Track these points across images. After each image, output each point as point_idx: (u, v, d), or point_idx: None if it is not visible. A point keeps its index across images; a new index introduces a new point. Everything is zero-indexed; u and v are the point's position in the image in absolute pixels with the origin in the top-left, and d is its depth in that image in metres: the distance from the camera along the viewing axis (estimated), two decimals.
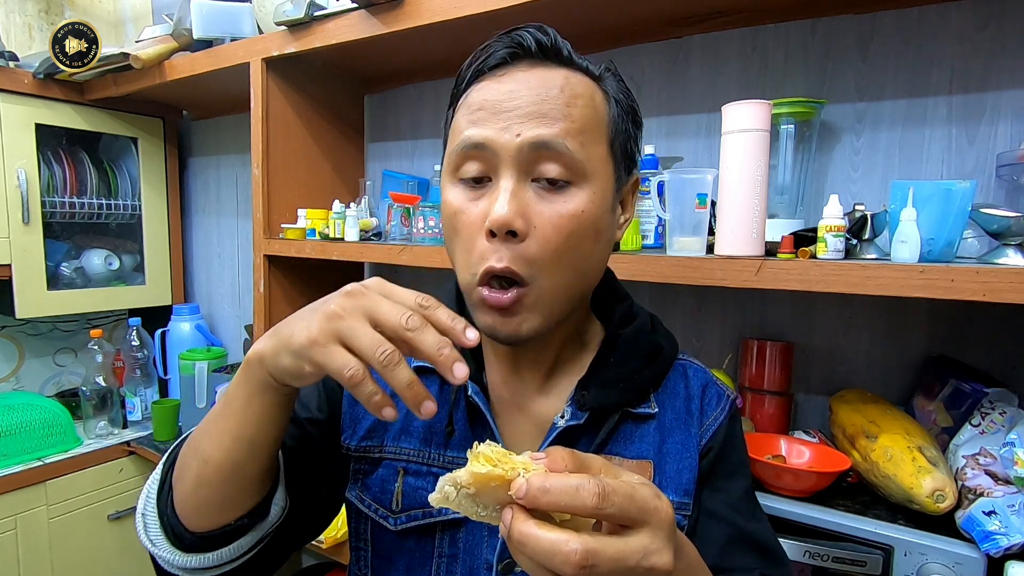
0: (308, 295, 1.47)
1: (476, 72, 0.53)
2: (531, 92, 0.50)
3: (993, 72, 0.91)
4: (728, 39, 1.11)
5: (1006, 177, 0.87)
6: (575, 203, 0.50)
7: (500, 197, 0.49)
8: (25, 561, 1.55)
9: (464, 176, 0.52)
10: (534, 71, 0.51)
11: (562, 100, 0.50)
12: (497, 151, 0.49)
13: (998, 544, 0.70)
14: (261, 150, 1.35)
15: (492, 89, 0.51)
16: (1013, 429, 0.77)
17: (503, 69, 0.52)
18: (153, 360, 1.93)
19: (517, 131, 0.49)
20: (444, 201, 0.54)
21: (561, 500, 0.33)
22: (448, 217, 0.53)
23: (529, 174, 0.50)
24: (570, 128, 0.50)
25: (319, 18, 1.21)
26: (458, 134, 0.52)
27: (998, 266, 0.68)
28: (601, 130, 0.53)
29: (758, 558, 0.58)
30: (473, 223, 0.51)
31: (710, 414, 0.61)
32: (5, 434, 1.58)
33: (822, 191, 1.05)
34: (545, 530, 0.33)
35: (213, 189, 2.06)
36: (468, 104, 0.52)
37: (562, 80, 0.51)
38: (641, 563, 0.34)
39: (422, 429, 0.60)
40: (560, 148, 0.49)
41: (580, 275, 0.53)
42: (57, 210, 1.75)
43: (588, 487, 0.34)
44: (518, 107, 0.49)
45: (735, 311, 1.16)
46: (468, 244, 0.52)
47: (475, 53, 0.54)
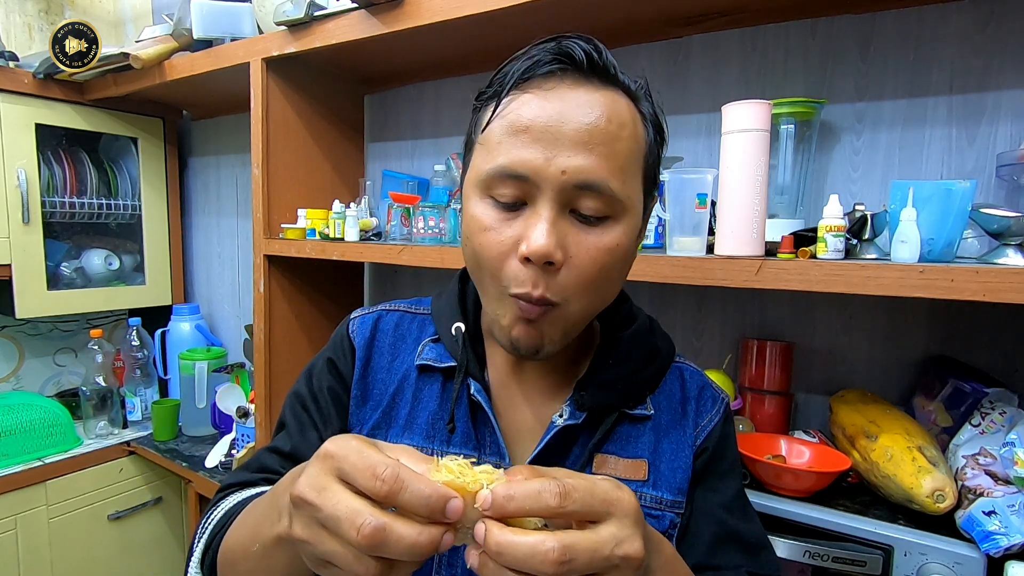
0: (308, 295, 1.48)
1: (520, 80, 0.50)
2: (580, 117, 0.48)
3: (993, 72, 0.91)
4: (728, 39, 1.11)
5: (1006, 177, 0.87)
6: (611, 236, 0.50)
7: (539, 226, 0.48)
8: (25, 561, 1.55)
9: (498, 198, 0.50)
10: (580, 90, 0.49)
11: (610, 132, 0.48)
12: (539, 182, 0.48)
13: (998, 544, 0.70)
14: (261, 150, 1.35)
15: (538, 106, 0.49)
16: (1013, 429, 0.77)
17: (550, 82, 0.49)
18: (153, 360, 1.93)
19: (562, 165, 0.47)
20: (471, 214, 0.52)
21: (525, 504, 0.35)
22: (475, 231, 0.52)
23: (568, 205, 0.49)
24: (614, 167, 0.49)
25: (319, 18, 1.21)
26: (496, 153, 0.50)
27: (998, 266, 0.68)
28: (639, 162, 0.52)
29: (747, 556, 0.59)
30: (504, 243, 0.50)
31: (705, 416, 0.62)
32: (5, 434, 1.58)
33: (822, 191, 1.05)
34: (521, 535, 0.35)
35: (213, 189, 2.06)
36: (510, 119, 0.49)
37: (609, 105, 0.49)
38: (615, 551, 0.36)
39: (425, 426, 0.61)
40: (604, 189, 0.48)
41: (604, 300, 0.55)
42: (57, 210, 1.75)
43: (549, 488, 0.35)
44: (566, 134, 0.48)
45: (735, 311, 1.16)
46: (497, 262, 0.51)
47: (518, 58, 0.51)
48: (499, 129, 0.50)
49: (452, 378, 0.61)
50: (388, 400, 0.62)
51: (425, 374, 0.63)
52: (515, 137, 0.49)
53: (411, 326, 0.67)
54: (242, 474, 0.63)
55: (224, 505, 0.58)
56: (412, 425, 0.61)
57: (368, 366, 0.64)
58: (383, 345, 0.65)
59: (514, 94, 0.50)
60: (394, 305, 0.69)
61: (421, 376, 0.63)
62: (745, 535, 0.59)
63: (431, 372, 0.62)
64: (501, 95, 0.51)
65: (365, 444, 0.37)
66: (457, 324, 0.61)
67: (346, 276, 1.60)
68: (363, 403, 0.63)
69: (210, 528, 0.56)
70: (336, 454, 0.37)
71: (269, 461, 0.63)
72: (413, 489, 0.35)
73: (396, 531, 0.34)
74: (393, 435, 0.61)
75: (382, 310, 0.68)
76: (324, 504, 0.35)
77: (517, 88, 0.50)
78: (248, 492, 0.59)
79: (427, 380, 0.62)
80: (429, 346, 0.63)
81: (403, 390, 0.63)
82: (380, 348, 0.65)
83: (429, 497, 0.35)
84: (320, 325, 1.50)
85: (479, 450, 0.58)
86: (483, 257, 0.51)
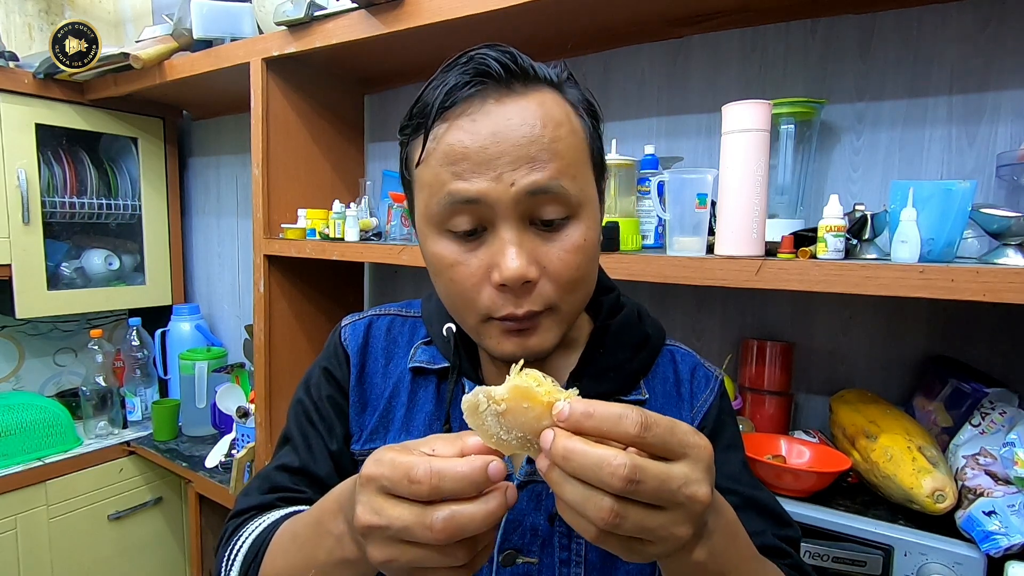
0: (308, 295, 1.47)
1: (442, 108, 0.49)
2: (514, 132, 0.47)
3: (993, 72, 0.91)
4: (728, 39, 1.11)
5: (1006, 177, 0.87)
6: (577, 234, 0.50)
7: (508, 252, 0.47)
8: (25, 561, 1.55)
9: (455, 230, 0.50)
10: (507, 103, 0.48)
11: (547, 136, 0.48)
12: (492, 204, 0.47)
13: (998, 544, 0.70)
14: (261, 150, 1.35)
15: (468, 132, 0.47)
16: (1013, 429, 0.77)
17: (473, 105, 0.48)
18: (153, 360, 1.93)
19: (511, 180, 0.47)
20: (433, 253, 0.51)
21: (604, 425, 0.34)
22: (442, 269, 0.51)
23: (526, 217, 0.49)
24: (561, 166, 0.48)
25: (319, 18, 1.21)
26: (440, 187, 0.49)
27: (998, 266, 0.68)
28: (585, 153, 0.52)
29: (766, 521, 0.58)
30: (475, 274, 0.50)
31: (700, 396, 0.63)
32: (5, 434, 1.58)
33: (822, 191, 1.05)
34: (591, 445, 0.34)
35: (213, 189, 2.06)
36: (444, 152, 0.48)
37: (539, 110, 0.48)
38: (683, 489, 0.34)
39: (422, 428, 0.61)
40: (558, 190, 0.48)
41: (588, 292, 0.55)
42: (57, 210, 1.75)
43: (631, 415, 0.34)
44: (505, 152, 0.47)
45: (735, 311, 1.16)
46: (470, 294, 0.50)
47: (434, 83, 0.50)
48: (435, 163, 0.49)
49: (446, 379, 0.61)
50: (384, 404, 0.63)
51: (419, 377, 0.63)
52: (455, 167, 0.48)
53: (403, 329, 0.67)
54: (255, 497, 0.62)
55: (248, 532, 0.57)
56: (409, 428, 0.61)
57: (363, 372, 0.64)
58: (376, 350, 0.65)
59: (440, 125, 0.49)
60: (384, 309, 0.69)
61: (416, 379, 0.63)
62: (761, 500, 0.59)
63: (425, 374, 0.62)
64: (428, 127, 0.49)
65: (396, 451, 0.38)
66: (448, 325, 0.61)
67: (346, 276, 1.60)
68: (362, 409, 0.64)
69: (242, 554, 0.55)
70: (375, 474, 0.37)
71: (280, 479, 0.63)
72: (451, 475, 0.35)
73: (465, 511, 0.35)
74: (391, 439, 0.61)
75: (373, 315, 0.68)
76: (389, 522, 0.36)
77: (441, 118, 0.49)
78: (271, 517, 0.58)
79: (421, 382, 0.63)
80: (421, 348, 0.63)
81: (399, 393, 0.63)
82: (374, 353, 0.65)
83: (468, 474, 0.35)
84: (320, 325, 1.50)
85: None
86: (456, 292, 0.51)
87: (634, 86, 1.22)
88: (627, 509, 0.33)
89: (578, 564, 0.56)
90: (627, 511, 0.33)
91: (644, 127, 1.22)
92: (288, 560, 0.49)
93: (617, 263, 0.88)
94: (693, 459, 0.35)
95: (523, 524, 0.56)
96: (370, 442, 0.62)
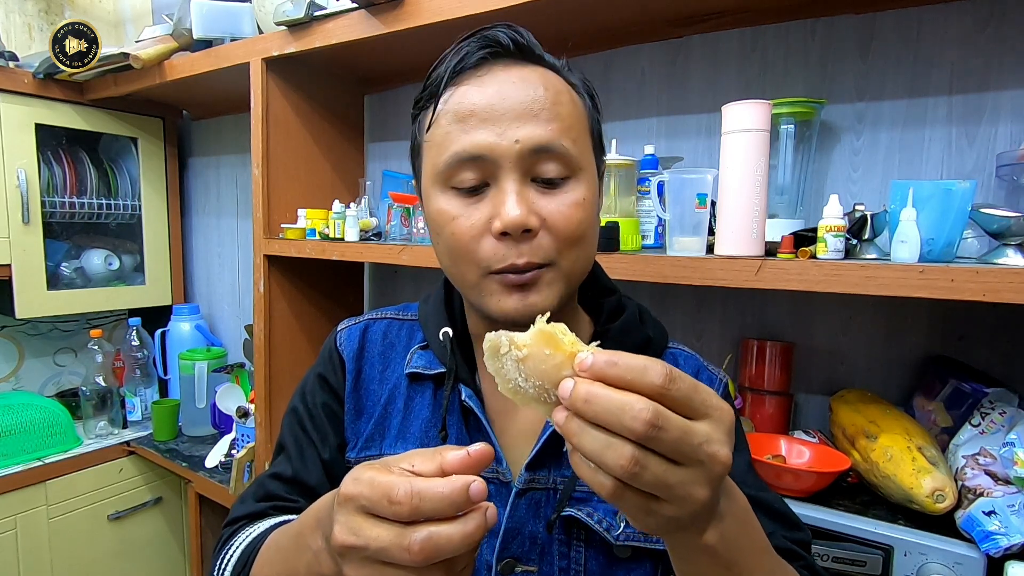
0: (308, 295, 1.47)
1: (453, 74, 0.52)
2: (519, 92, 0.50)
3: (993, 72, 0.91)
4: (728, 39, 1.11)
5: (1006, 177, 0.87)
6: (576, 193, 0.52)
7: (508, 200, 0.49)
8: (25, 561, 1.55)
9: (460, 185, 0.51)
10: (513, 70, 0.52)
11: (549, 99, 0.51)
12: (496, 159, 0.50)
13: (998, 544, 0.70)
14: (261, 150, 1.35)
15: (476, 93, 0.51)
16: (1013, 429, 0.77)
17: (482, 69, 0.52)
18: (153, 360, 1.93)
19: (515, 136, 0.49)
20: (436, 210, 0.53)
21: (628, 375, 0.33)
22: (443, 224, 0.52)
23: (528, 174, 0.51)
24: (563, 127, 0.51)
25: (319, 18, 1.21)
26: (448, 143, 0.51)
27: (998, 266, 0.68)
28: (585, 124, 0.55)
29: (775, 523, 0.58)
30: (476, 226, 0.51)
31: None
32: (5, 434, 1.58)
33: (822, 191, 1.05)
34: (613, 391, 0.33)
35: (213, 189, 2.06)
36: (453, 111, 0.51)
37: (543, 78, 0.52)
38: (704, 447, 0.33)
39: (419, 435, 0.60)
40: (559, 149, 0.50)
41: (588, 256, 0.55)
42: (57, 210, 1.75)
43: (656, 367, 0.33)
44: (510, 109, 0.50)
45: (735, 311, 1.16)
46: (471, 246, 0.51)
47: (446, 55, 0.53)
48: (445, 122, 0.52)
49: (443, 385, 0.60)
50: (380, 411, 0.62)
51: (416, 382, 0.62)
52: (463, 123, 0.50)
53: (400, 333, 0.66)
54: (249, 505, 0.63)
55: (239, 541, 0.57)
56: (405, 434, 0.61)
57: (359, 378, 0.64)
58: (373, 355, 0.65)
59: (451, 89, 0.52)
60: (381, 313, 0.69)
61: (412, 384, 0.62)
62: (769, 502, 0.59)
63: (421, 380, 0.62)
64: (439, 93, 0.52)
65: (376, 470, 0.37)
66: (445, 329, 0.61)
67: (346, 276, 1.60)
68: (357, 416, 0.63)
69: (232, 563, 0.55)
70: (353, 493, 0.37)
71: (274, 488, 0.63)
72: (431, 496, 0.35)
73: (443, 533, 0.34)
74: (387, 446, 0.61)
75: (369, 319, 0.68)
76: (367, 542, 0.35)
77: (452, 83, 0.52)
78: (262, 526, 0.58)
79: (418, 388, 0.62)
80: (418, 353, 0.63)
81: (395, 399, 0.62)
82: (370, 359, 0.65)
83: (449, 495, 0.35)
84: (320, 325, 1.50)
85: None
86: (456, 245, 0.52)
87: (634, 86, 1.22)
88: (647, 458, 0.32)
89: (577, 572, 0.56)
90: (647, 460, 0.32)
91: (644, 127, 1.22)
92: (273, 570, 0.50)
93: (617, 263, 0.88)
94: (715, 420, 0.35)
95: (522, 532, 0.56)
96: (366, 450, 0.62)
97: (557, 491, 0.57)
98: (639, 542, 0.56)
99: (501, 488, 0.57)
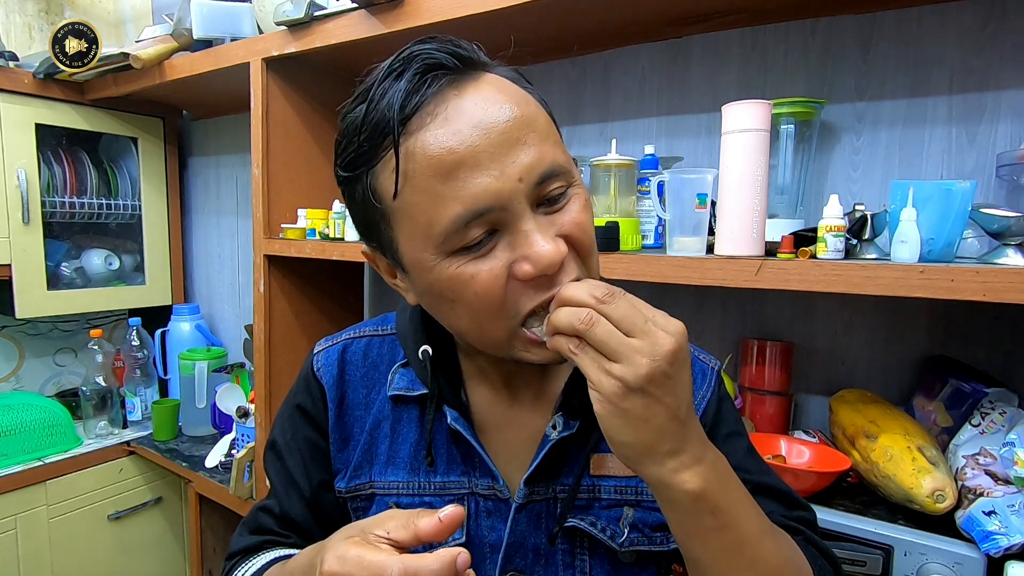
0: (308, 295, 1.47)
1: (405, 119, 0.44)
2: (492, 118, 0.44)
3: (993, 72, 0.91)
4: (728, 39, 1.11)
5: (1006, 177, 0.87)
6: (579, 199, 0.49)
7: (535, 240, 0.44)
8: (25, 561, 1.55)
9: (468, 244, 0.45)
10: (467, 93, 0.45)
11: (520, 113, 0.45)
12: (504, 204, 0.44)
13: (998, 544, 0.70)
14: (261, 150, 1.34)
15: (449, 136, 0.43)
16: (1013, 429, 0.77)
17: (435, 105, 0.44)
18: (153, 360, 1.93)
19: (514, 174, 0.44)
20: (448, 278, 0.46)
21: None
22: (460, 289, 0.46)
23: (535, 204, 0.46)
24: (550, 142, 0.47)
25: (319, 18, 1.21)
26: (440, 206, 0.44)
27: (998, 266, 0.68)
28: (548, 118, 0.50)
29: (778, 504, 0.58)
30: (499, 276, 0.45)
31: (698, 392, 0.61)
32: (5, 434, 1.58)
33: (822, 191, 1.05)
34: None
35: (213, 189, 2.06)
36: (429, 165, 0.43)
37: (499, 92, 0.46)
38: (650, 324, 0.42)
39: (408, 459, 0.59)
40: (557, 168, 0.46)
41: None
42: (57, 210, 1.75)
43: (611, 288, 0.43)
44: (494, 143, 0.43)
45: (735, 311, 1.16)
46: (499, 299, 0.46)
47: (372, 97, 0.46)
48: (422, 181, 0.44)
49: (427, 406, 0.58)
50: (367, 437, 0.60)
51: (400, 405, 0.60)
52: (450, 177, 0.43)
53: (381, 350, 0.63)
54: (246, 538, 0.63)
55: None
56: (394, 460, 0.59)
57: (342, 405, 0.61)
58: (355, 378, 0.62)
59: (408, 138, 0.44)
60: (359, 331, 0.65)
61: (396, 407, 0.60)
62: (770, 484, 0.59)
63: (406, 402, 0.60)
64: (396, 148, 0.44)
65: (359, 546, 0.39)
66: (424, 348, 0.57)
67: (346, 276, 1.60)
68: (344, 445, 0.61)
69: None
70: (341, 574, 0.38)
71: (266, 522, 0.63)
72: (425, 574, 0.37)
73: None
74: (376, 472, 0.59)
75: (347, 339, 0.65)
76: None
77: (404, 132, 0.44)
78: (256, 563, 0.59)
79: (403, 410, 0.60)
80: (400, 372, 0.60)
81: (380, 424, 0.60)
82: (352, 382, 0.62)
83: (439, 571, 0.37)
84: (320, 325, 1.50)
85: (469, 474, 0.57)
86: (483, 304, 0.46)
87: (634, 86, 1.22)
88: (600, 319, 0.41)
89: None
90: (599, 320, 0.41)
91: (644, 127, 1.22)
92: None
93: (617, 263, 0.88)
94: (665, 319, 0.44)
95: (524, 545, 0.56)
96: (355, 478, 0.60)
97: (557, 500, 0.56)
98: (643, 546, 0.56)
99: (500, 504, 0.56)
